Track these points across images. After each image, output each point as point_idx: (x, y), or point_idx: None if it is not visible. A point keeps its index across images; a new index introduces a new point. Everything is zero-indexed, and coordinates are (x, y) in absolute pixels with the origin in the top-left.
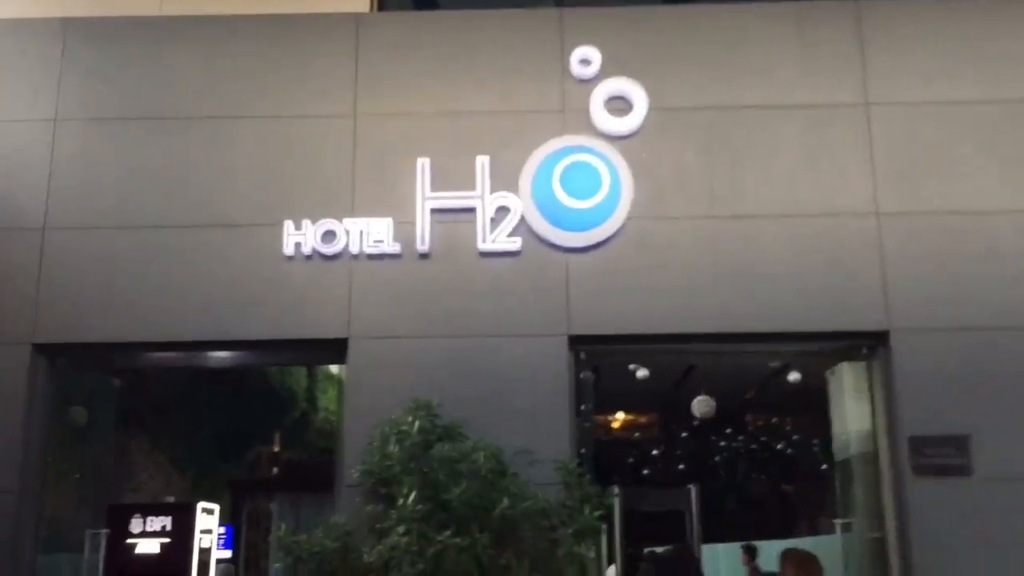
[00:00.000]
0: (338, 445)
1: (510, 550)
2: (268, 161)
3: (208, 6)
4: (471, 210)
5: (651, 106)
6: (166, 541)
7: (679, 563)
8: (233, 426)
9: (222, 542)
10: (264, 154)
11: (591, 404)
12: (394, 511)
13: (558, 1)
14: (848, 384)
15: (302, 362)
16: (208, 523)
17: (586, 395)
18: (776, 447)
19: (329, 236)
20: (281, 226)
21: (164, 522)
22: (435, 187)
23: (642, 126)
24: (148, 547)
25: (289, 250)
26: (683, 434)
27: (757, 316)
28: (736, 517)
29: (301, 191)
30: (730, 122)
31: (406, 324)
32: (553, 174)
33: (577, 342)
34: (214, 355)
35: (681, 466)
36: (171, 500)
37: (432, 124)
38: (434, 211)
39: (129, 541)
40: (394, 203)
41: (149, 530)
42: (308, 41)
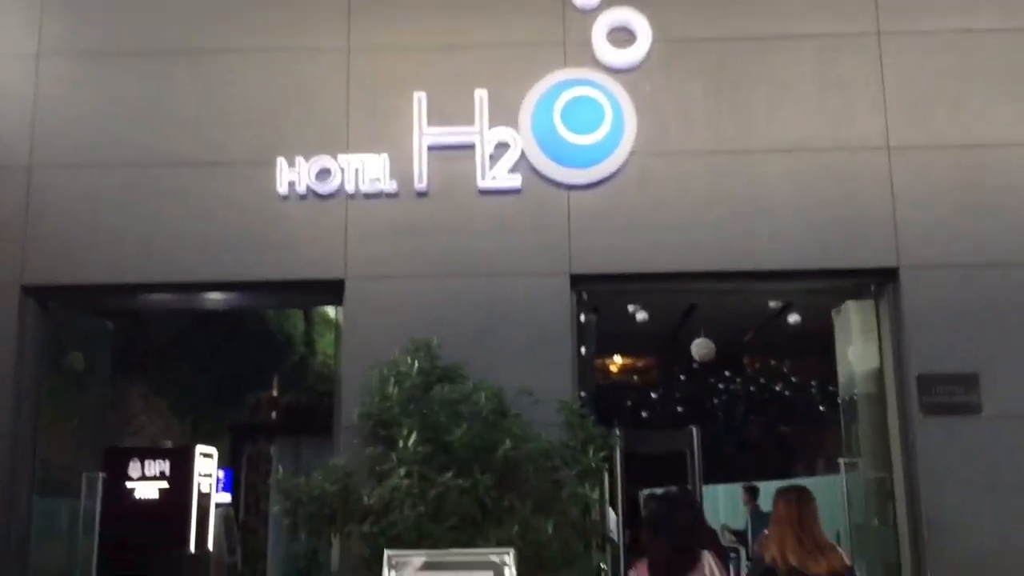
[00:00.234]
0: (336, 388)
1: (513, 492)
2: (260, 96)
3: None
4: (470, 146)
5: (655, 37)
6: (165, 485)
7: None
8: (231, 371)
9: (222, 486)
10: (255, 89)
11: (592, 347)
12: (394, 453)
13: None
14: (855, 323)
15: (298, 304)
16: (207, 467)
17: (587, 338)
18: (775, 389)
19: (324, 174)
20: (274, 164)
21: (163, 466)
22: (432, 122)
23: (646, 58)
24: (147, 491)
25: (283, 189)
26: (682, 377)
27: (763, 254)
28: (735, 459)
29: (294, 127)
30: (737, 53)
31: (404, 264)
32: (554, 108)
33: (579, 281)
34: (209, 297)
35: (680, 409)
36: (169, 444)
37: (428, 57)
38: (431, 148)
39: (128, 485)
40: (390, 139)
41: (148, 474)
42: None
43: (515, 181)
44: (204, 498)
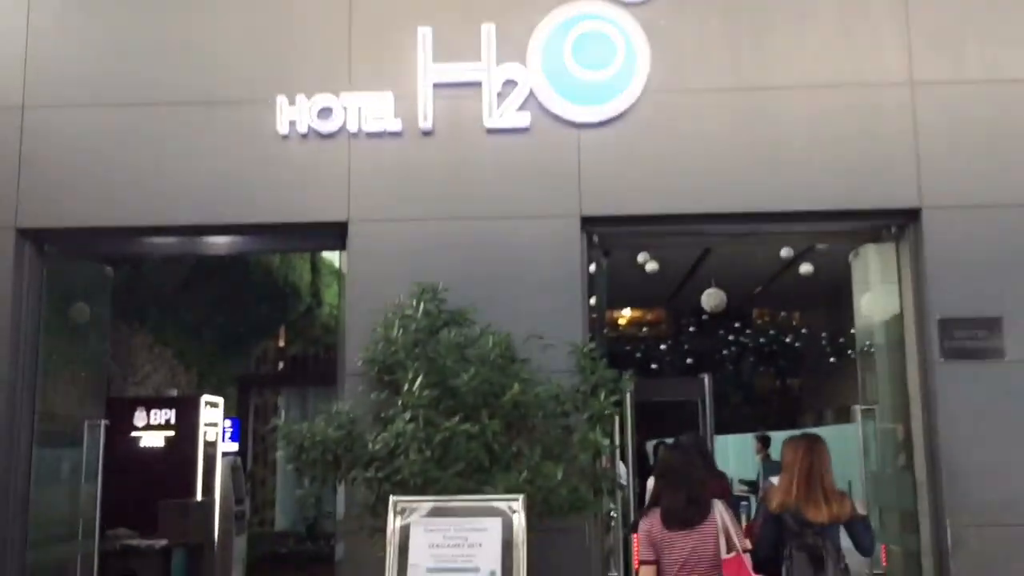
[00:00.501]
0: (340, 333)
1: (521, 437)
2: (259, 32)
3: None
4: (476, 84)
5: None
6: (170, 434)
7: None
8: (238, 321)
9: (229, 435)
10: (255, 24)
11: (603, 297)
12: (399, 398)
13: None
14: (873, 267)
15: (301, 248)
16: (213, 416)
17: (597, 288)
18: (785, 340)
19: (326, 113)
20: (274, 102)
21: (168, 415)
22: (437, 58)
23: None
24: (152, 440)
25: (283, 129)
26: (691, 329)
27: (781, 194)
28: (744, 409)
29: (295, 64)
30: None
31: (409, 206)
32: (564, 43)
33: (590, 223)
34: (208, 241)
35: (689, 361)
36: (174, 393)
37: None
38: (437, 85)
39: (133, 434)
40: (394, 77)
41: (153, 423)
42: None
43: (524, 120)
44: (210, 447)
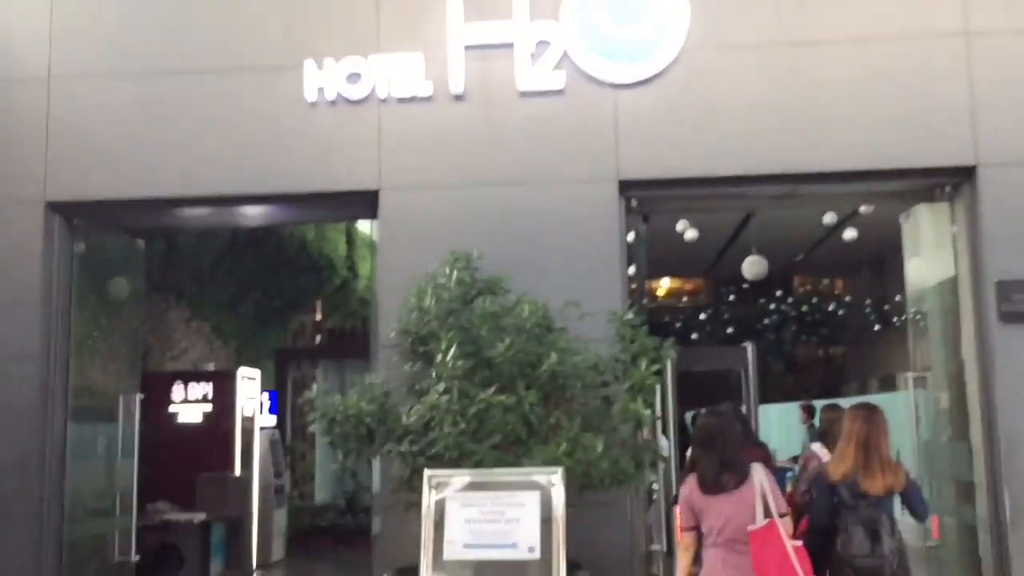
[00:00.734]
0: (373, 303)
1: (559, 408)
2: None
3: None
4: (508, 45)
5: None
6: (208, 408)
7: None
8: (274, 296)
9: (267, 409)
10: None
11: (643, 266)
12: (433, 369)
13: None
14: (925, 228)
15: (332, 219)
16: (250, 390)
17: (636, 257)
18: (827, 308)
19: (354, 78)
20: (301, 68)
21: (205, 389)
22: (468, 18)
23: None
24: (190, 414)
25: (312, 95)
26: (731, 298)
27: (828, 154)
28: (786, 379)
29: (321, 26)
30: None
31: (441, 173)
32: None
33: (628, 187)
34: (240, 212)
35: (730, 330)
36: (212, 367)
37: None
38: (468, 47)
39: (171, 409)
40: (424, 38)
41: (191, 398)
42: None
43: (558, 81)
44: (248, 421)
